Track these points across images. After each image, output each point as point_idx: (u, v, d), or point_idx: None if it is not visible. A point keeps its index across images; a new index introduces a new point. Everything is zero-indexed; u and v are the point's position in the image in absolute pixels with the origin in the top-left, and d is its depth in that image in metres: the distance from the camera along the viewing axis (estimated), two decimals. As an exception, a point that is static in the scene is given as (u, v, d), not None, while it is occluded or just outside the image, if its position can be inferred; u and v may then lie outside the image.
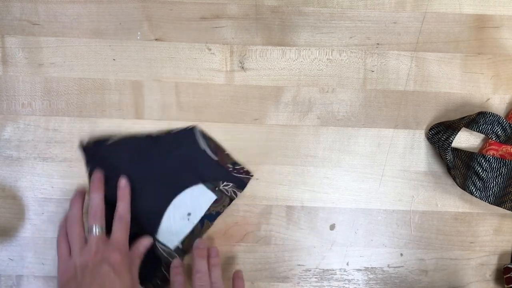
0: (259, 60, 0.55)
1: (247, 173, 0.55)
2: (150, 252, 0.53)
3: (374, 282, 0.56)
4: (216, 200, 0.54)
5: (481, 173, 0.53)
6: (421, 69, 0.56)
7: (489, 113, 0.52)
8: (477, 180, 0.53)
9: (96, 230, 0.49)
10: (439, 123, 0.55)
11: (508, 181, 0.53)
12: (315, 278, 0.56)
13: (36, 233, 0.55)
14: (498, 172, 0.53)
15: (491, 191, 0.53)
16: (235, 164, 0.54)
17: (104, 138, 0.54)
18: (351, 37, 0.56)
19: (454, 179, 0.55)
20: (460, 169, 0.54)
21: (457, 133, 0.52)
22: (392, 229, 0.56)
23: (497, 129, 0.52)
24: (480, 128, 0.52)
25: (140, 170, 0.54)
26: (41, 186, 0.55)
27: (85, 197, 0.52)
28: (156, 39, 0.55)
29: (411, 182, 0.56)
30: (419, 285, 0.56)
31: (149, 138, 0.54)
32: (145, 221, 0.54)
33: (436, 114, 0.56)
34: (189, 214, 0.54)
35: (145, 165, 0.54)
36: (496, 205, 0.53)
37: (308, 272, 0.56)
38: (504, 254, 0.56)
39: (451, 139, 0.52)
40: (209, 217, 0.54)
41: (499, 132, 0.52)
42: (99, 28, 0.55)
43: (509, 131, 0.52)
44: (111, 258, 0.47)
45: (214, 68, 0.55)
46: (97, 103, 0.55)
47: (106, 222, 0.50)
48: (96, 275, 0.46)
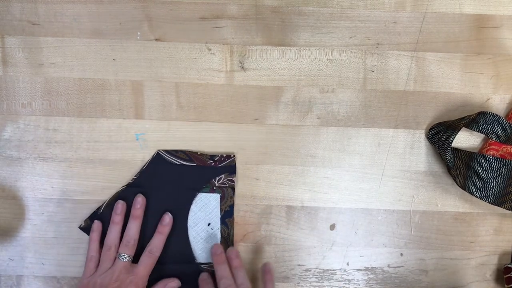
0: (259, 60, 0.55)
1: (228, 156, 0.55)
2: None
3: (374, 282, 0.56)
4: (221, 197, 0.54)
5: (481, 173, 0.53)
6: (421, 69, 0.56)
7: (489, 113, 0.52)
8: (477, 180, 0.53)
9: (125, 258, 0.50)
10: (439, 123, 0.55)
11: (508, 181, 0.53)
12: (315, 278, 0.56)
13: (36, 233, 0.55)
14: (498, 172, 0.53)
15: (491, 191, 0.53)
16: (213, 156, 0.55)
17: (95, 210, 0.54)
18: (351, 37, 0.56)
19: (454, 179, 0.55)
20: (460, 169, 0.54)
21: (457, 133, 0.52)
22: (392, 229, 0.56)
23: (497, 129, 0.52)
24: (480, 128, 0.52)
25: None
26: (41, 186, 0.55)
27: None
28: (156, 39, 0.55)
29: (411, 182, 0.56)
30: (419, 285, 0.56)
31: (129, 186, 0.54)
32: (178, 255, 0.54)
33: (436, 114, 0.56)
34: (209, 224, 0.54)
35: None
36: (496, 205, 0.53)
37: (308, 272, 0.56)
38: (504, 254, 0.56)
39: (451, 139, 0.52)
40: (227, 215, 0.55)
41: (499, 132, 0.52)
42: (99, 28, 0.55)
43: (509, 131, 0.52)
44: (129, 286, 0.49)
45: (214, 68, 0.55)
46: (97, 103, 0.55)
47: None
48: None
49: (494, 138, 0.53)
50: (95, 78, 0.55)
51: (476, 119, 0.52)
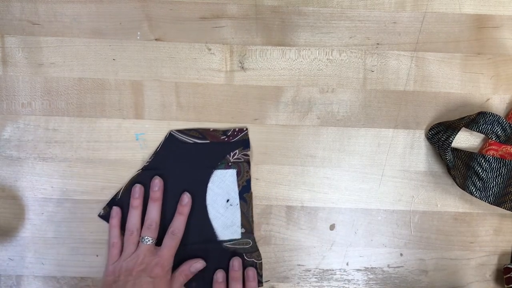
0: (259, 60, 0.55)
1: (241, 130, 0.55)
2: (228, 254, 0.54)
3: (374, 282, 0.56)
4: (238, 172, 0.54)
5: (481, 173, 0.53)
6: (421, 69, 0.56)
7: (489, 113, 0.52)
8: (477, 180, 0.53)
9: (148, 241, 0.51)
10: (439, 123, 0.55)
11: (508, 181, 0.53)
12: (315, 278, 0.56)
13: (36, 233, 0.55)
14: (498, 172, 0.53)
15: (491, 191, 0.53)
16: (226, 132, 0.55)
17: (113, 197, 0.54)
18: (351, 37, 0.56)
19: (454, 179, 0.55)
20: (460, 169, 0.54)
21: (457, 133, 0.52)
22: (392, 229, 0.56)
23: (497, 129, 0.52)
24: (480, 128, 0.52)
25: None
26: (41, 186, 0.55)
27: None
28: (156, 39, 0.55)
29: (411, 182, 0.56)
30: (419, 285, 0.56)
31: (144, 169, 0.54)
32: (199, 234, 0.54)
33: (436, 114, 0.56)
34: (228, 201, 0.54)
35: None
36: (496, 205, 0.53)
37: (308, 272, 0.56)
38: (504, 254, 0.56)
39: (451, 139, 0.52)
40: (245, 189, 0.55)
41: (499, 132, 0.52)
42: (99, 28, 0.55)
43: (509, 131, 0.52)
44: (153, 271, 0.49)
45: (214, 68, 0.55)
46: (97, 103, 0.55)
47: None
48: (137, 284, 0.48)
49: (494, 138, 0.53)
50: (95, 78, 0.55)
51: (476, 119, 0.52)
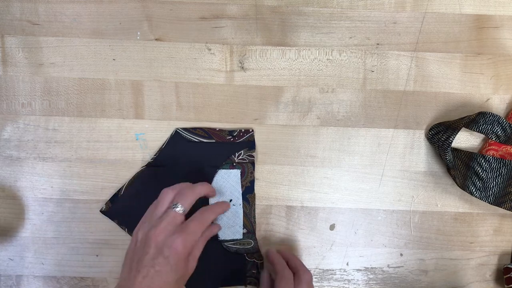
0: (259, 60, 0.55)
1: (247, 131, 0.55)
2: (229, 254, 0.54)
3: (374, 282, 0.56)
4: (242, 172, 0.55)
5: (481, 173, 0.53)
6: (421, 69, 0.56)
7: (489, 113, 0.52)
8: (477, 180, 0.53)
9: (179, 208, 0.46)
10: (439, 123, 0.55)
11: (508, 181, 0.53)
12: (315, 278, 0.56)
13: (36, 233, 0.55)
14: (498, 172, 0.53)
15: (491, 191, 0.53)
16: (231, 132, 0.55)
17: (115, 193, 0.54)
18: (351, 37, 0.56)
19: (454, 179, 0.55)
20: (460, 169, 0.54)
21: (457, 133, 0.52)
22: (392, 229, 0.56)
23: (497, 129, 0.52)
24: (480, 128, 0.52)
25: None
26: (41, 186, 0.55)
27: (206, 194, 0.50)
28: (156, 39, 0.55)
29: (411, 182, 0.56)
30: (419, 285, 0.56)
31: (149, 165, 0.54)
32: None
33: (436, 114, 0.56)
34: (230, 201, 0.54)
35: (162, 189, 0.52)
36: (496, 205, 0.53)
37: (308, 272, 0.56)
38: (504, 254, 0.56)
39: (451, 139, 0.52)
40: (248, 190, 0.55)
41: (499, 132, 0.52)
42: (99, 28, 0.55)
43: (509, 131, 0.52)
44: (173, 245, 0.44)
45: (214, 68, 0.55)
46: (97, 103, 0.55)
47: None
48: (153, 260, 0.43)
49: (494, 138, 0.53)
50: (95, 78, 0.55)
51: (476, 119, 0.52)
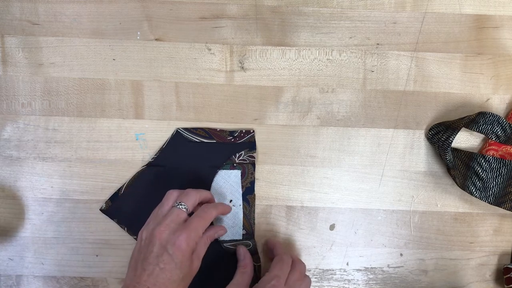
0: (259, 60, 0.55)
1: (248, 132, 0.55)
2: (228, 255, 0.54)
3: (374, 282, 0.56)
4: (242, 173, 0.55)
5: (481, 173, 0.53)
6: (421, 69, 0.56)
7: (489, 113, 0.52)
8: (477, 180, 0.53)
9: (182, 206, 0.47)
10: (439, 123, 0.55)
11: (508, 181, 0.53)
12: (315, 278, 0.56)
13: (36, 233, 0.55)
14: (498, 172, 0.53)
15: (491, 191, 0.53)
16: (232, 132, 0.55)
17: (115, 192, 0.54)
18: (351, 37, 0.56)
19: (454, 179, 0.55)
20: (460, 169, 0.54)
21: (457, 133, 0.52)
22: (392, 229, 0.56)
23: (497, 129, 0.52)
24: (480, 128, 0.52)
25: (163, 196, 0.50)
26: (41, 186, 0.55)
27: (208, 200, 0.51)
28: (156, 39, 0.55)
29: (411, 182, 0.56)
30: (419, 285, 0.56)
31: (149, 165, 0.54)
32: None
33: (436, 114, 0.56)
34: (230, 201, 0.54)
35: (165, 189, 0.51)
36: (496, 205, 0.53)
37: (308, 272, 0.56)
38: (504, 254, 0.56)
39: (451, 139, 0.52)
40: (248, 191, 0.55)
41: (499, 132, 0.52)
42: (99, 28, 0.55)
43: (509, 131, 0.52)
44: (176, 242, 0.44)
45: (214, 68, 0.55)
46: (97, 103, 0.55)
47: None
48: (158, 258, 0.44)
49: (494, 138, 0.53)
50: (95, 78, 0.55)
51: (476, 119, 0.52)
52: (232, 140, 0.55)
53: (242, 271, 0.51)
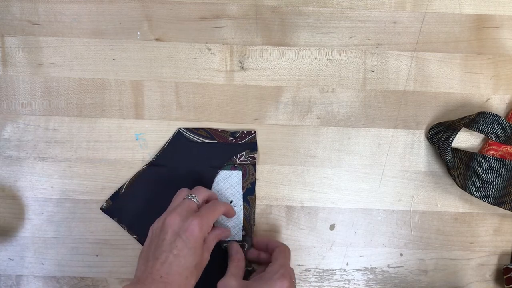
0: (259, 60, 0.55)
1: (249, 133, 0.55)
2: (227, 255, 0.53)
3: (374, 282, 0.56)
4: (243, 174, 0.54)
5: (481, 173, 0.53)
6: (421, 69, 0.56)
7: (489, 113, 0.52)
8: (477, 180, 0.53)
9: (193, 198, 0.48)
10: (439, 123, 0.55)
11: (508, 181, 0.53)
12: (315, 278, 0.56)
13: (36, 233, 0.55)
14: (498, 172, 0.53)
15: (491, 191, 0.53)
16: (234, 133, 0.55)
17: (116, 191, 0.54)
18: (351, 37, 0.56)
19: (454, 179, 0.55)
20: (460, 169, 0.54)
21: (457, 133, 0.52)
22: (392, 229, 0.56)
23: (497, 129, 0.52)
24: (480, 128, 0.52)
25: (164, 196, 0.51)
26: (41, 186, 0.55)
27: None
28: (156, 39, 0.55)
29: (411, 182, 0.56)
30: (419, 285, 0.56)
31: (150, 165, 0.54)
32: None
33: (436, 114, 0.56)
34: (231, 202, 0.54)
35: (165, 189, 0.52)
36: (496, 205, 0.53)
37: (308, 272, 0.56)
38: (504, 254, 0.56)
39: (451, 139, 0.52)
40: (249, 192, 0.55)
41: (499, 132, 0.52)
42: (99, 28, 0.55)
43: (509, 131, 0.52)
44: (189, 227, 0.44)
45: (214, 68, 0.55)
46: (97, 103, 0.55)
47: None
48: (171, 244, 0.44)
49: (494, 138, 0.53)
50: (95, 78, 0.55)
51: (476, 119, 0.52)
52: (234, 140, 0.55)
53: (236, 265, 0.50)
